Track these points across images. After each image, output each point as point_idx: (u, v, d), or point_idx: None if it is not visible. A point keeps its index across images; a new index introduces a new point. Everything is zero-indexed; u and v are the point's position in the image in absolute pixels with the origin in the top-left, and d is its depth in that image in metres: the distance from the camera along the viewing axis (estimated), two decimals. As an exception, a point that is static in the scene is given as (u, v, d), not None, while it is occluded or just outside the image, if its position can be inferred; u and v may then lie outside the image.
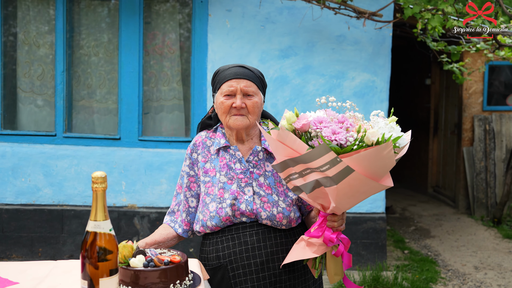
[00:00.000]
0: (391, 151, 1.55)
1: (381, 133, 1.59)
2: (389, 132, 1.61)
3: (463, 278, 5.10)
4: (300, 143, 1.66)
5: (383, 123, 1.64)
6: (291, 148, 1.68)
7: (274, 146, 1.77)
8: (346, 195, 1.67)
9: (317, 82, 5.01)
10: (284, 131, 1.68)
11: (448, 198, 8.17)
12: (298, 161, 1.67)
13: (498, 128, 7.34)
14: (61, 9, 4.99)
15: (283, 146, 1.70)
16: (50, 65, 5.12)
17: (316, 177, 1.66)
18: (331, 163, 1.57)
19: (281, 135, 1.69)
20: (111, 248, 1.50)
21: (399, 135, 1.63)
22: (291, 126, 1.75)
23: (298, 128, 1.72)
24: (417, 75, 9.42)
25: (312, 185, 1.69)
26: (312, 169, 1.65)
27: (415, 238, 6.50)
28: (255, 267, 1.98)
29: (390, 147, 1.54)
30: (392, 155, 1.57)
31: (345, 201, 1.71)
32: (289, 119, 1.74)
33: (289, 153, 1.70)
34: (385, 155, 1.55)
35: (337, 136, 1.62)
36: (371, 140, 1.58)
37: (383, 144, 1.55)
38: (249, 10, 4.95)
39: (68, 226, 5.02)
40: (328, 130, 1.64)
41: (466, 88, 7.43)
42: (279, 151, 1.74)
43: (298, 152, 1.67)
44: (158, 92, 5.18)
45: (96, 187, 1.47)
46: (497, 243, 6.21)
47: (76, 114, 5.18)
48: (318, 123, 1.69)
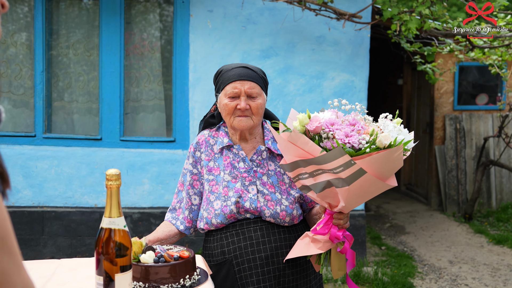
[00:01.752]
0: (401, 154, 1.63)
1: (393, 136, 1.66)
2: (398, 134, 1.69)
3: (439, 272, 5.26)
4: (312, 145, 1.71)
5: (392, 125, 1.71)
6: (302, 149, 1.73)
7: (284, 147, 1.82)
8: (356, 195, 1.74)
9: (297, 82, 5.09)
10: (297, 133, 1.73)
11: (420, 195, 8.38)
12: (310, 163, 1.72)
13: (468, 127, 7.58)
14: (40, 8, 4.93)
15: (294, 147, 1.75)
16: (28, 65, 5.06)
17: (327, 178, 1.72)
18: (345, 165, 1.63)
19: (292, 137, 1.74)
20: (126, 243, 1.53)
21: (407, 138, 1.71)
22: (303, 128, 1.79)
23: (312, 130, 1.77)
24: (389, 75, 9.62)
25: (323, 185, 1.75)
26: (324, 170, 1.71)
27: (391, 234, 6.66)
28: (260, 261, 2.03)
29: (400, 150, 1.62)
30: (401, 157, 1.64)
31: (354, 201, 1.78)
32: (302, 121, 1.78)
33: (300, 154, 1.75)
34: (395, 157, 1.63)
35: (350, 139, 1.68)
36: (384, 144, 1.65)
37: (394, 148, 1.62)
38: (231, 11, 4.99)
39: (49, 228, 4.97)
40: (341, 133, 1.70)
41: (438, 88, 7.65)
42: (289, 152, 1.79)
43: (311, 153, 1.72)
44: (139, 92, 5.17)
45: (111, 184, 1.50)
46: (469, 238, 6.42)
47: (56, 115, 5.12)
48: (330, 125, 1.74)
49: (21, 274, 0.79)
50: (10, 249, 0.78)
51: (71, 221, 4.97)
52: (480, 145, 7.50)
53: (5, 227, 0.77)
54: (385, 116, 1.76)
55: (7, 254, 0.77)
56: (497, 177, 7.62)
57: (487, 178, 7.54)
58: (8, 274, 0.76)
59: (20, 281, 0.78)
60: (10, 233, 0.78)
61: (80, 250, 4.98)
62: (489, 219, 7.20)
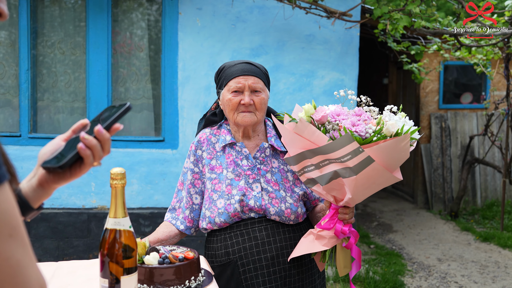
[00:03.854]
0: (407, 143, 1.61)
1: (400, 125, 1.65)
2: (405, 125, 1.68)
3: (428, 270, 5.29)
4: (319, 134, 1.69)
5: (397, 117, 1.70)
6: (308, 140, 1.71)
7: (289, 139, 1.79)
8: (363, 186, 1.72)
9: (287, 80, 5.07)
10: (304, 123, 1.71)
11: (406, 193, 8.44)
12: (317, 152, 1.70)
13: (454, 125, 7.65)
14: (24, 6, 4.82)
15: (300, 138, 1.73)
16: (13, 63, 4.94)
17: (334, 168, 1.70)
18: (353, 153, 1.61)
19: (299, 127, 1.72)
20: (132, 245, 1.48)
21: (414, 128, 1.69)
22: (309, 118, 1.78)
23: (317, 119, 1.75)
24: (375, 74, 9.67)
25: (329, 176, 1.72)
26: (331, 160, 1.68)
27: (379, 233, 6.68)
28: (266, 262, 1.99)
29: (407, 139, 1.60)
30: (408, 147, 1.63)
31: (361, 193, 1.76)
32: (308, 111, 1.77)
33: (306, 145, 1.73)
34: (402, 146, 1.61)
35: (357, 128, 1.67)
36: (391, 132, 1.63)
37: (401, 136, 1.60)
38: (220, 9, 4.95)
39: (35, 229, 4.86)
40: (348, 122, 1.68)
41: (423, 87, 7.70)
42: (294, 144, 1.76)
43: (317, 143, 1.70)
44: (127, 91, 5.09)
45: (116, 183, 1.45)
46: (456, 235, 6.47)
47: (42, 114, 5.02)
48: (336, 116, 1.72)
49: (34, 267, 0.75)
50: (23, 239, 0.73)
51: (58, 222, 4.87)
52: (465, 144, 7.57)
53: (16, 216, 0.73)
54: (390, 109, 1.76)
55: (21, 246, 0.72)
56: (482, 175, 7.70)
57: (472, 176, 7.62)
58: (24, 266, 0.72)
59: (35, 274, 0.74)
60: (21, 223, 0.74)
61: (67, 252, 4.89)
62: (474, 216, 7.27)
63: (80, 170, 1.13)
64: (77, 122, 1.18)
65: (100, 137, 1.12)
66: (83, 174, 1.15)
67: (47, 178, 1.13)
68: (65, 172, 1.13)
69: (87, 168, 1.13)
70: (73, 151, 1.10)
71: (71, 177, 1.13)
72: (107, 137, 1.13)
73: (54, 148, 1.17)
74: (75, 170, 1.13)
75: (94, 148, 1.11)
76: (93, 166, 1.15)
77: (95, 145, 1.11)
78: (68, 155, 1.10)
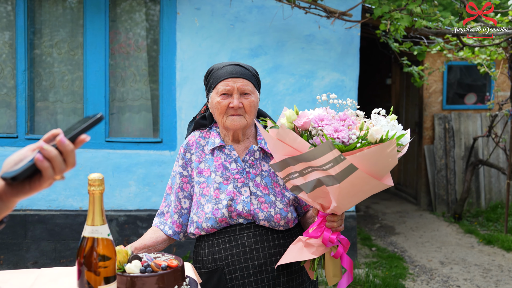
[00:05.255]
0: (394, 149, 1.54)
1: (385, 130, 1.57)
2: (391, 130, 1.60)
3: (430, 273, 5.21)
4: (301, 141, 1.62)
5: (385, 121, 1.63)
6: (291, 146, 1.65)
7: (272, 145, 1.73)
8: (348, 194, 1.65)
9: (287, 81, 5.00)
10: (284, 129, 1.64)
11: (409, 195, 8.35)
12: (299, 160, 1.63)
13: (457, 126, 7.56)
14: (21, 6, 4.78)
15: (283, 144, 1.66)
16: (10, 64, 4.90)
17: (317, 176, 1.63)
18: (334, 161, 1.54)
19: (280, 134, 1.66)
20: (110, 254, 1.42)
21: (402, 133, 1.62)
22: (291, 124, 1.71)
23: (299, 126, 1.69)
24: (378, 75, 9.58)
25: (313, 184, 1.66)
26: (314, 168, 1.62)
27: (381, 235, 6.60)
28: (253, 269, 1.93)
29: (393, 145, 1.53)
30: (395, 153, 1.55)
31: (346, 201, 1.69)
32: (290, 117, 1.70)
33: (289, 152, 1.66)
34: (388, 153, 1.54)
35: (339, 134, 1.59)
36: (375, 138, 1.56)
37: (386, 142, 1.53)
38: (218, 9, 4.89)
39: (32, 231, 4.82)
40: (330, 128, 1.61)
41: (426, 87, 7.61)
42: (278, 150, 1.70)
43: (299, 150, 1.64)
44: (125, 92, 5.04)
45: (93, 189, 1.39)
46: (459, 238, 6.38)
47: (39, 115, 4.98)
48: (319, 121, 1.66)
49: None
50: None
51: (55, 224, 4.83)
52: (469, 145, 7.48)
53: None
54: (378, 112, 1.68)
55: None
56: (486, 176, 7.60)
57: (476, 177, 7.53)
58: None
59: None
60: None
61: (64, 255, 4.85)
62: (478, 219, 7.18)
63: (39, 184, 1.04)
64: (49, 132, 1.11)
65: (62, 149, 1.04)
66: (44, 188, 1.06)
67: (6, 190, 1.03)
68: (23, 184, 1.04)
69: (47, 181, 1.04)
70: (30, 163, 1.01)
71: (31, 190, 1.04)
72: (70, 149, 1.04)
73: (19, 158, 1.07)
74: (34, 184, 1.04)
75: (53, 160, 1.02)
76: (56, 180, 1.06)
77: (54, 157, 1.02)
78: (24, 166, 1.01)
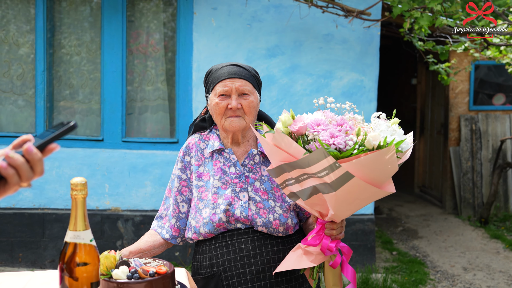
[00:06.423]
0: (393, 156, 1.46)
1: (383, 136, 1.49)
2: (391, 135, 1.52)
3: (452, 279, 5.06)
4: (296, 147, 1.56)
5: (385, 125, 1.54)
6: (287, 152, 1.59)
7: (269, 150, 1.68)
8: (346, 202, 1.58)
9: (304, 81, 4.93)
10: (280, 134, 1.58)
11: (434, 198, 8.15)
12: (294, 166, 1.57)
13: (485, 128, 7.34)
14: (41, 7, 4.83)
15: (279, 150, 1.60)
16: (30, 64, 4.96)
17: (313, 183, 1.56)
18: (329, 168, 1.47)
19: (276, 139, 1.60)
20: (92, 260, 1.39)
21: (401, 139, 1.53)
22: (287, 129, 1.65)
23: (295, 131, 1.63)
24: (403, 74, 9.40)
25: (309, 191, 1.59)
26: (309, 175, 1.55)
27: (403, 239, 6.45)
28: (250, 275, 1.88)
29: (392, 151, 1.45)
30: (395, 160, 1.47)
31: (344, 208, 1.62)
32: (285, 122, 1.64)
33: (285, 158, 1.60)
34: (387, 160, 1.46)
35: (335, 140, 1.52)
36: (372, 144, 1.48)
37: (385, 149, 1.45)
38: (235, 8, 4.85)
39: (50, 230, 4.87)
40: (326, 133, 1.54)
41: (453, 88, 7.42)
42: (274, 156, 1.64)
43: (295, 156, 1.57)
44: (142, 92, 5.05)
45: (76, 194, 1.36)
46: (484, 243, 6.19)
47: (58, 115, 5.02)
48: (315, 126, 1.59)
49: None
50: None
51: (72, 223, 4.86)
52: (496, 147, 7.25)
53: None
54: (378, 116, 1.60)
55: None
56: (514, 180, 7.36)
57: (504, 181, 7.29)
58: None
59: None
60: None
61: (81, 254, 4.88)
62: (505, 223, 6.95)
63: (4, 190, 1.02)
64: (20, 137, 1.08)
65: (29, 157, 1.01)
66: (9, 194, 1.04)
67: None
68: None
69: (12, 188, 1.02)
70: None
71: None
72: (38, 158, 1.01)
73: None
74: None
75: (19, 168, 1.00)
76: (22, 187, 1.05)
77: (20, 165, 1.00)
78: None
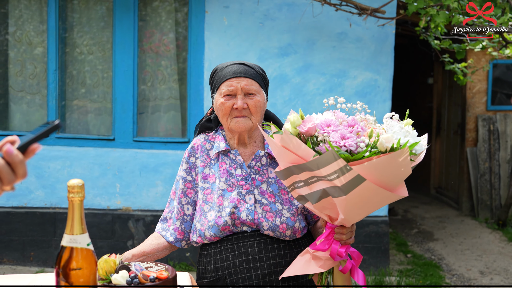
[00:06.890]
0: (407, 158, 1.39)
1: (396, 138, 1.42)
2: (404, 137, 1.45)
3: (468, 283, 4.95)
4: (305, 148, 1.50)
5: (398, 126, 1.47)
6: (295, 154, 1.52)
7: (277, 152, 1.62)
8: (356, 206, 1.51)
9: (317, 81, 4.85)
10: (288, 136, 1.52)
11: (451, 199, 8.01)
12: (303, 169, 1.51)
13: (503, 128, 7.18)
14: (53, 7, 4.83)
15: (287, 151, 1.54)
16: (43, 64, 4.96)
17: (323, 186, 1.50)
18: (340, 171, 1.40)
19: (284, 140, 1.54)
20: (89, 264, 1.34)
21: (416, 141, 1.46)
22: (295, 130, 1.59)
23: (304, 132, 1.56)
24: (419, 74, 9.26)
25: (318, 194, 1.53)
26: (319, 178, 1.49)
27: (418, 241, 6.34)
28: (256, 280, 1.82)
29: (406, 154, 1.38)
30: (408, 163, 1.40)
31: (355, 213, 1.55)
32: (294, 122, 1.58)
33: (294, 160, 1.54)
34: (401, 162, 1.39)
35: (346, 142, 1.45)
36: (385, 147, 1.41)
37: (398, 151, 1.38)
38: (247, 7, 4.79)
39: (61, 229, 4.87)
40: (337, 135, 1.47)
41: (470, 87, 7.27)
42: (282, 157, 1.58)
43: (304, 158, 1.51)
44: (154, 91, 5.02)
45: (72, 197, 1.31)
46: (502, 246, 6.05)
47: (70, 114, 5.02)
48: (325, 127, 1.52)
49: None
50: None
51: (83, 223, 4.86)
52: (515, 148, 7.10)
53: None
54: (391, 116, 1.53)
55: None
56: (533, 181, 7.19)
57: (523, 182, 7.13)
58: None
59: None
60: None
61: (92, 253, 4.87)
62: (524, 226, 6.80)
63: None
64: (4, 138, 1.03)
65: (9, 160, 0.97)
66: None
67: None
68: None
69: None
70: None
71: None
72: (18, 160, 0.97)
73: None
74: None
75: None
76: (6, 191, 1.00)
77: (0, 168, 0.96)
78: None
